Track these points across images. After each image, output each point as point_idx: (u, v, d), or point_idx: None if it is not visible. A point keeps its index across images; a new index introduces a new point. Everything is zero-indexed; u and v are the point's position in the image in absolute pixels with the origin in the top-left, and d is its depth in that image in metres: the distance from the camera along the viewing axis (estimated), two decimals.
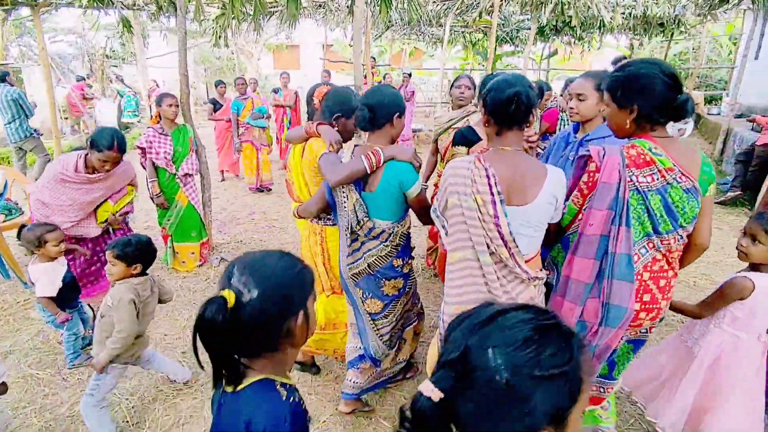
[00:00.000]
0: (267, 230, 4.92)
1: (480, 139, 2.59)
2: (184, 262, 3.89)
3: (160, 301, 2.30)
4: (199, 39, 18.48)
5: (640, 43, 12.33)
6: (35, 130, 6.00)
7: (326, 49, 11.28)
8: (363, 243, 1.86)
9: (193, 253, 3.91)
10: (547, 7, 7.07)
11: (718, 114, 9.59)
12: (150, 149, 3.60)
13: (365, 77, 7.75)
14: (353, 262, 1.89)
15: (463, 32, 11.84)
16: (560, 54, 12.89)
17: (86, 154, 2.75)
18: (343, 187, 1.80)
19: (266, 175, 6.49)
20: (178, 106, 3.68)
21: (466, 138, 2.64)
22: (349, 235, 1.85)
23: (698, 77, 12.30)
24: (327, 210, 2.08)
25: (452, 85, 3.16)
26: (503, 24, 11.39)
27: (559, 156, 2.15)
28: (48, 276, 2.48)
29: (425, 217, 1.81)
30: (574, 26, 9.11)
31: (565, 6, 6.99)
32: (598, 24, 8.57)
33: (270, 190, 6.59)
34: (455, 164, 1.48)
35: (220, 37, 6.99)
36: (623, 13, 7.17)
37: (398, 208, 1.80)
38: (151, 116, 12.27)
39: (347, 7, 7.80)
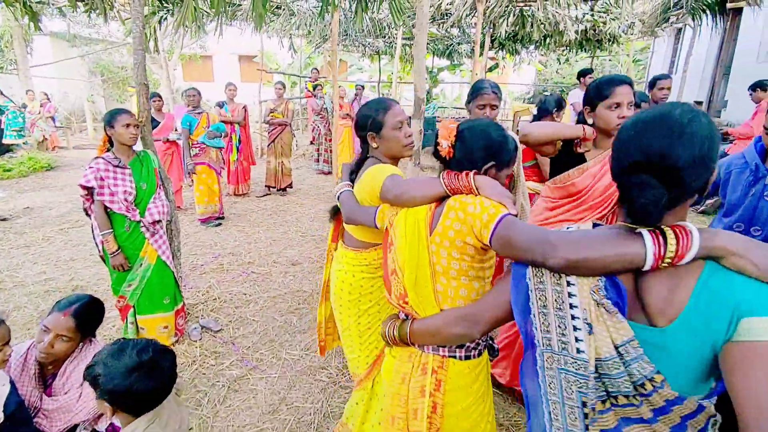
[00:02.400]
0: (245, 279, 3.91)
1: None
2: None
3: None
4: (94, 45, 16.13)
5: (566, 59, 13.09)
6: None
7: (260, 57, 10.21)
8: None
9: (166, 327, 2.84)
10: (509, 18, 6.96)
11: None
12: (102, 189, 2.51)
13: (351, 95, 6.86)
14: None
15: (404, 45, 11.55)
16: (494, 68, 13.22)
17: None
18: (575, 296, 0.87)
19: (217, 205, 5.43)
20: (137, 126, 2.65)
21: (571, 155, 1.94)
22: (589, 409, 0.87)
23: None
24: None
25: (474, 96, 2.24)
26: (442, 39, 11.33)
27: (743, 192, 1.68)
28: None
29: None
30: (519, 40, 9.25)
31: (526, 18, 6.94)
32: (539, 39, 8.74)
33: (223, 218, 5.53)
34: None
35: (149, 40, 5.76)
36: (577, 30, 7.34)
37: (708, 369, 0.81)
38: (44, 138, 10.16)
39: (315, 11, 7.00)
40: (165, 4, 5.42)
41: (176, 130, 6.45)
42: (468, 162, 1.26)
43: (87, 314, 1.74)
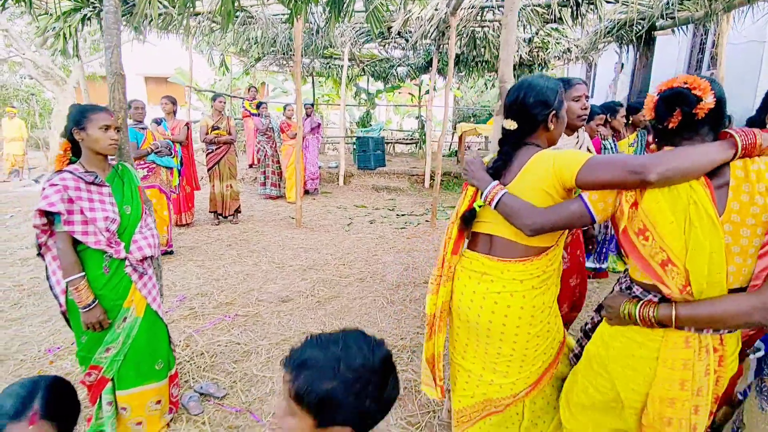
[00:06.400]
0: (230, 324, 3.17)
1: None
2: (140, 423, 2.02)
3: None
4: None
5: (493, 84, 13.87)
6: None
7: (191, 76, 9.23)
8: None
9: (158, 402, 2.07)
10: (462, 39, 7.07)
11: None
12: (71, 215, 1.76)
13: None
14: None
15: (338, 65, 11.32)
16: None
17: None
18: None
19: (166, 235, 4.54)
20: (118, 130, 1.95)
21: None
22: None
23: None
24: None
25: (566, 89, 1.92)
26: (381, 61, 11.34)
27: None
28: None
29: None
30: (463, 62, 9.51)
31: (478, 40, 7.09)
32: (490, 60, 9.06)
33: (172, 251, 4.65)
34: None
35: (67, 42, 4.76)
36: (528, 52, 7.69)
37: None
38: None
39: (274, 19, 6.40)
40: (91, 1, 4.54)
41: None
42: (719, 120, 1.12)
43: (62, 406, 1.07)
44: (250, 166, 9.59)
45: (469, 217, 1.52)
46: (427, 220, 6.40)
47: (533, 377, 1.52)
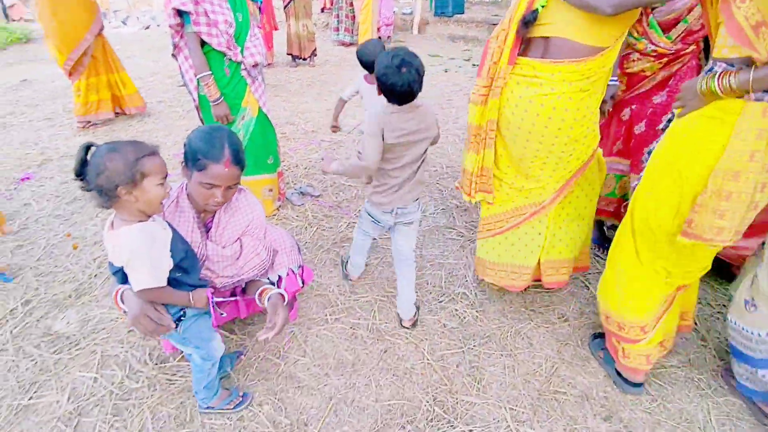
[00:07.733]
0: (317, 147, 3.58)
1: None
2: None
3: None
4: None
5: None
6: None
7: None
8: None
9: (271, 190, 2.58)
10: None
11: None
12: (198, 17, 2.03)
13: None
14: None
15: None
16: None
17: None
18: None
19: None
20: None
21: None
22: None
23: None
24: None
25: None
26: None
27: None
28: (149, 246, 1.20)
29: None
30: None
31: None
32: None
33: None
34: None
35: None
36: None
37: None
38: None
39: None
40: None
41: None
42: None
43: (240, 154, 1.42)
44: (322, 10, 9.28)
45: (531, 20, 1.45)
46: None
47: (561, 182, 1.65)
